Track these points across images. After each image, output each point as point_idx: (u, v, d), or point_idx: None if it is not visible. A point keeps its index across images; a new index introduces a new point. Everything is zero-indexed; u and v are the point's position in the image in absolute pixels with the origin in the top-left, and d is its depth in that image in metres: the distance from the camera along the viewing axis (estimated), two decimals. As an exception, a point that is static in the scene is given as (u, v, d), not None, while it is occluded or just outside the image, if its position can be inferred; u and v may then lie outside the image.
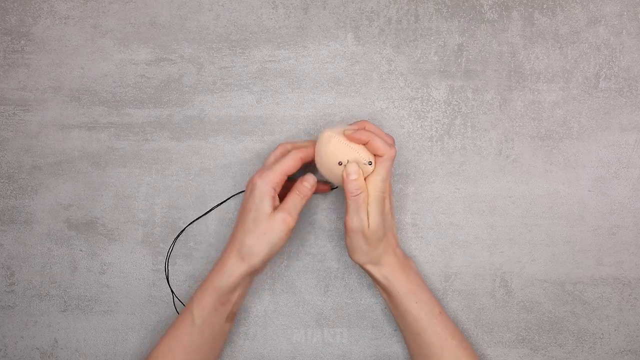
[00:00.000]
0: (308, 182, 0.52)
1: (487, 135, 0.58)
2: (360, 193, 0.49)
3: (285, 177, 0.51)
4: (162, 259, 0.59)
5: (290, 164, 0.50)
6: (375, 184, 0.50)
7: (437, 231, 0.58)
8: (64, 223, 0.60)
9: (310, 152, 0.51)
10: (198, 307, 0.51)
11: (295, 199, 0.51)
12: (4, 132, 0.60)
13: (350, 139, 0.49)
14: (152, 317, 0.59)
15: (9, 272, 0.60)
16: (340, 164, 0.49)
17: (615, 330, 0.57)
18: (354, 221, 0.50)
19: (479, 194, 0.58)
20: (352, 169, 0.49)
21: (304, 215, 0.59)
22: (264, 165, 0.53)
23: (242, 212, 0.51)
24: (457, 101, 0.58)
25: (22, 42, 0.60)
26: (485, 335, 0.58)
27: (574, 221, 0.57)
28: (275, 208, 0.50)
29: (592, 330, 0.57)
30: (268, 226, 0.49)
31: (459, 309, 0.58)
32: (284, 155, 0.52)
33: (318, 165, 0.51)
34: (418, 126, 0.58)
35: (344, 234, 0.59)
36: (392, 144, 0.50)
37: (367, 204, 0.50)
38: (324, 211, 0.59)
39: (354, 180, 0.49)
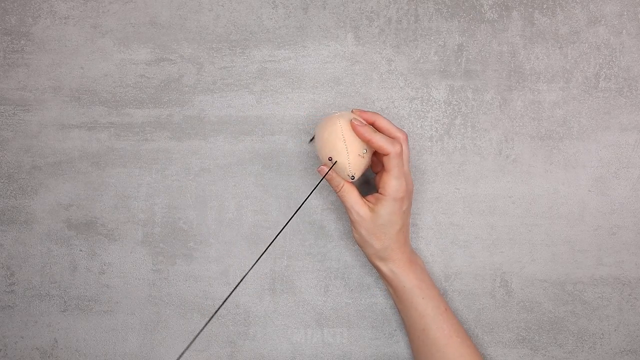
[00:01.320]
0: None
1: (487, 135, 0.58)
2: (341, 188, 0.51)
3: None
4: (162, 259, 0.59)
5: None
6: (390, 184, 0.49)
7: (437, 231, 0.58)
8: (64, 223, 0.60)
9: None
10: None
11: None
12: (4, 132, 0.60)
13: (353, 128, 0.49)
14: (152, 317, 0.59)
15: (9, 272, 0.60)
16: (330, 159, 0.49)
17: (615, 330, 0.57)
18: (351, 214, 0.51)
19: (479, 194, 0.58)
20: (323, 170, 0.51)
21: (304, 215, 0.59)
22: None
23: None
24: (457, 101, 0.58)
25: (22, 42, 0.60)
26: (485, 335, 0.58)
27: (574, 221, 0.57)
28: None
29: (592, 330, 0.57)
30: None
31: (459, 309, 0.58)
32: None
33: (317, 147, 0.51)
34: (418, 126, 0.58)
35: (343, 234, 0.59)
36: (402, 140, 0.51)
37: (354, 196, 0.51)
38: (324, 211, 0.59)
39: (330, 180, 0.51)
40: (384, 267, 0.52)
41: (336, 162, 0.49)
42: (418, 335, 0.53)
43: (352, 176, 0.49)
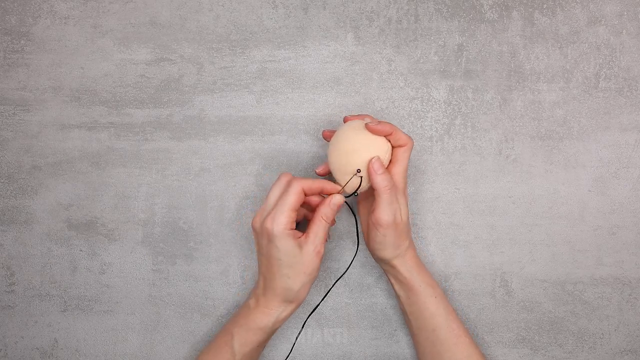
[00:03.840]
0: (334, 205, 0.48)
1: (487, 135, 0.58)
2: (392, 186, 0.48)
3: (296, 211, 0.48)
4: (162, 259, 0.59)
5: (294, 199, 0.47)
6: (401, 175, 0.49)
7: (437, 231, 0.58)
8: (64, 223, 0.60)
9: (312, 184, 0.48)
10: (239, 342, 0.50)
11: (320, 225, 0.48)
12: (4, 132, 0.60)
13: (373, 130, 0.48)
14: (152, 317, 0.59)
15: (9, 272, 0.60)
16: (358, 171, 0.48)
17: (615, 330, 0.57)
18: (387, 215, 0.48)
19: (479, 194, 0.58)
20: (378, 164, 0.47)
21: (304, 215, 0.59)
22: (267, 199, 0.49)
23: (268, 261, 0.48)
24: (457, 101, 0.58)
25: (22, 42, 0.60)
26: (485, 335, 0.58)
27: (574, 221, 0.57)
28: (299, 241, 0.48)
29: (592, 330, 0.57)
30: (304, 265, 0.47)
31: (459, 309, 0.58)
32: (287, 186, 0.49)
33: (329, 158, 0.50)
34: (418, 126, 0.58)
35: (343, 234, 0.59)
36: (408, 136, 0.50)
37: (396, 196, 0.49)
38: (324, 211, 0.59)
39: (382, 175, 0.47)
40: (402, 267, 0.51)
41: (359, 171, 0.48)
42: (427, 336, 0.52)
43: (359, 170, 0.48)
